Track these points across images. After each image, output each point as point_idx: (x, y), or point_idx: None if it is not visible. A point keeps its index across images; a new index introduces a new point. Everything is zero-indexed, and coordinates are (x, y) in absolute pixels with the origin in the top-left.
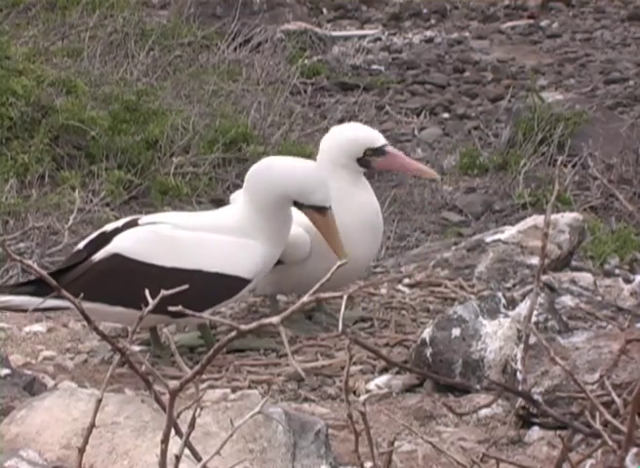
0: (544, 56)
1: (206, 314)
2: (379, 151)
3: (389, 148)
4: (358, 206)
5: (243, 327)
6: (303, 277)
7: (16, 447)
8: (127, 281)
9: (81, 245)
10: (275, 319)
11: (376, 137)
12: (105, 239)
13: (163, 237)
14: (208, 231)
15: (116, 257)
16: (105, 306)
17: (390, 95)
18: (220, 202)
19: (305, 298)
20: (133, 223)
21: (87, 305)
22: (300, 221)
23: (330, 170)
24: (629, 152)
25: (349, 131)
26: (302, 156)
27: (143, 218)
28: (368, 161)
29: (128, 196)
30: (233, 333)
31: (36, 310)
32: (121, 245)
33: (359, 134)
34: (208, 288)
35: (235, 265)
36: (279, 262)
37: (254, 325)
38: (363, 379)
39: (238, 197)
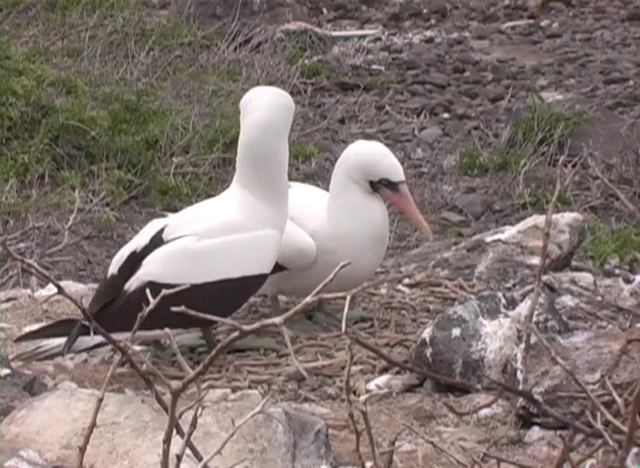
0: (544, 56)
1: (209, 316)
2: (392, 185)
3: (403, 188)
4: (367, 218)
5: (245, 327)
6: (308, 283)
7: (16, 447)
8: (164, 306)
9: (114, 269)
10: (278, 319)
11: (396, 172)
12: (136, 261)
13: (189, 254)
14: (228, 232)
15: (150, 285)
16: (145, 332)
17: (390, 95)
18: None
19: (309, 299)
20: (158, 239)
21: (127, 335)
22: (305, 228)
23: (344, 181)
24: (629, 152)
25: (377, 154)
26: (302, 156)
27: (167, 230)
28: (378, 187)
29: (128, 196)
30: (235, 334)
31: (82, 351)
32: (152, 271)
33: (384, 162)
34: (235, 292)
35: (256, 264)
36: (284, 268)
37: (256, 325)
38: (363, 379)
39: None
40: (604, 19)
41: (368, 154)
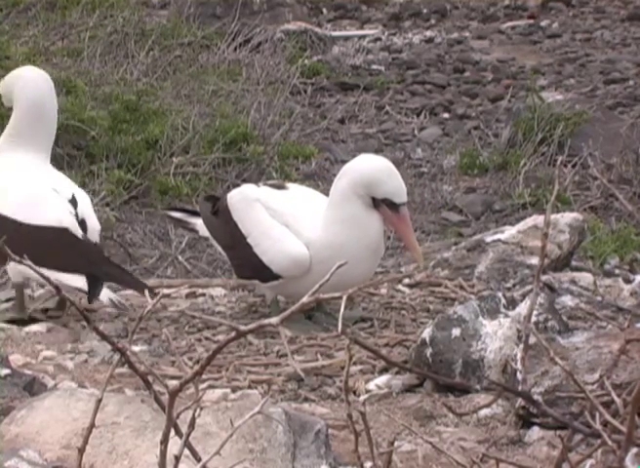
0: (544, 56)
1: (205, 316)
2: (393, 206)
3: (404, 210)
4: (365, 230)
5: (243, 327)
6: (302, 291)
7: (16, 447)
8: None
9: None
10: (275, 320)
11: (399, 194)
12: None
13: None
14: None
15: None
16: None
17: (390, 95)
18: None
19: (305, 299)
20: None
21: None
22: (300, 236)
23: (346, 193)
24: (629, 152)
25: (384, 172)
26: (302, 156)
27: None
28: (379, 204)
29: (128, 196)
30: (233, 334)
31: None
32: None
33: (390, 182)
34: None
35: None
36: (278, 277)
37: (254, 325)
38: (363, 379)
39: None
40: (604, 19)
41: (376, 171)
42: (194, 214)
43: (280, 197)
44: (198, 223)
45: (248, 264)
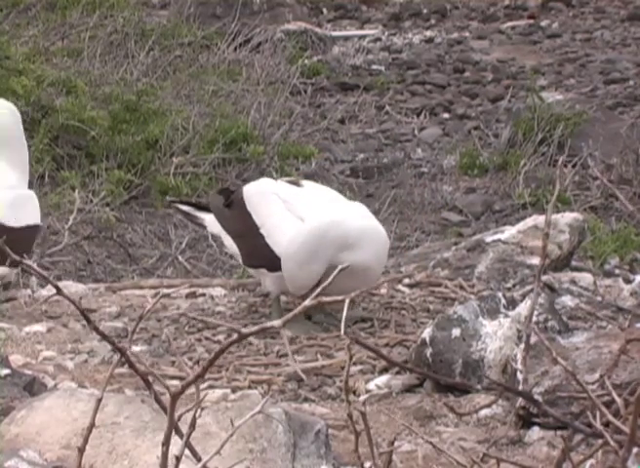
0: (544, 56)
1: (208, 318)
2: None
3: None
4: None
5: (245, 330)
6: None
7: (16, 447)
8: None
9: None
10: (277, 322)
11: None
12: None
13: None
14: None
15: None
16: None
17: (390, 95)
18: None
19: (308, 302)
20: None
21: None
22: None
23: None
24: (629, 152)
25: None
26: (302, 156)
27: None
28: None
29: (128, 196)
30: (235, 337)
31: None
32: None
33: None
34: None
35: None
36: None
37: (256, 328)
38: (363, 379)
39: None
40: (604, 19)
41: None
42: (201, 208)
43: (297, 192)
44: (206, 218)
45: (258, 253)
